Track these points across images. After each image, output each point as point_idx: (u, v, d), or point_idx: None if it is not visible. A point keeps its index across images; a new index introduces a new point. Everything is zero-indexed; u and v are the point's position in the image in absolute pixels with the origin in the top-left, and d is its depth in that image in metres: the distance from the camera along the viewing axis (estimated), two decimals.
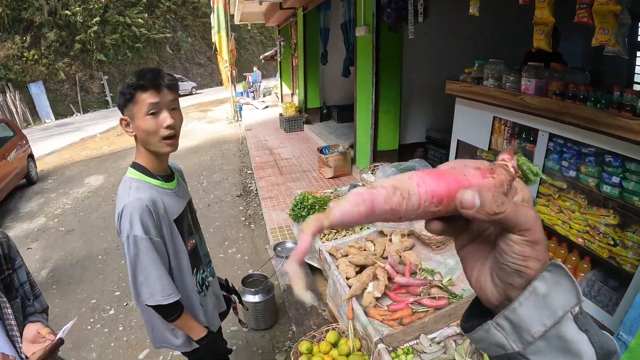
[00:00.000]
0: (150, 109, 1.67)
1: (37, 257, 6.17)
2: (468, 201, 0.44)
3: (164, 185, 1.89)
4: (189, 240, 2.01)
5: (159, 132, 1.72)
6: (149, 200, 1.75)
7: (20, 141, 9.86)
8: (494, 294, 0.49)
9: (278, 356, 3.62)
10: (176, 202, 1.92)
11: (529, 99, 3.21)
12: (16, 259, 1.58)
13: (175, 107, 1.77)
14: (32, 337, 1.45)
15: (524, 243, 0.44)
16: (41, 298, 1.73)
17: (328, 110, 12.58)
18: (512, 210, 0.43)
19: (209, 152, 11.74)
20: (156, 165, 1.88)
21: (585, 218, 3.02)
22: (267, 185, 7.49)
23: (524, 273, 0.44)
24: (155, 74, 1.70)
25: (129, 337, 4.08)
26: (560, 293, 0.43)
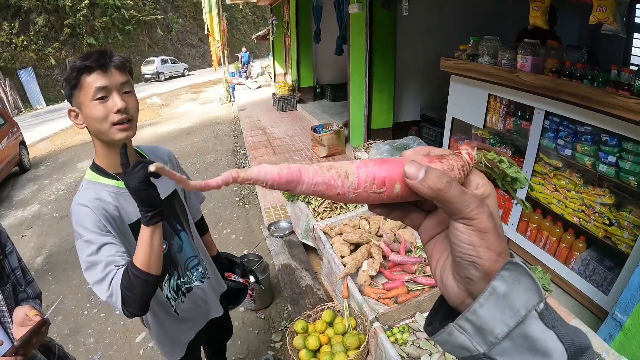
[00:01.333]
0: (97, 93, 1.47)
1: (31, 244, 6.14)
2: (412, 171, 0.44)
3: (121, 184, 1.61)
4: None
5: (109, 118, 1.50)
6: (93, 202, 1.56)
7: (11, 129, 9.72)
8: (455, 290, 0.48)
9: (274, 336, 3.63)
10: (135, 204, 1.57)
11: (524, 76, 3.17)
12: (7, 245, 1.55)
13: (127, 90, 1.56)
14: (20, 320, 1.41)
15: (471, 232, 0.43)
16: (34, 284, 1.70)
17: (322, 89, 12.48)
18: (457, 194, 0.43)
19: (202, 134, 11.64)
20: (114, 161, 1.64)
21: (581, 197, 3.02)
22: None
23: (477, 264, 0.43)
24: (102, 53, 1.51)
25: (125, 321, 4.09)
26: (521, 291, 0.41)
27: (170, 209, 1.87)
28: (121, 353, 3.72)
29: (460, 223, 0.43)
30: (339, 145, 7.29)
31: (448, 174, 0.45)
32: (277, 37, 16.60)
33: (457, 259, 0.45)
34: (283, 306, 3.94)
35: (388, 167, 0.46)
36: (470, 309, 0.42)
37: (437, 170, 0.44)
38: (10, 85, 21.95)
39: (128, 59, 1.60)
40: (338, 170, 0.45)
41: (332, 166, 0.45)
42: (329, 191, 0.45)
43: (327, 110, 10.72)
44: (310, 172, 0.44)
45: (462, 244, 0.43)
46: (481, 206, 0.43)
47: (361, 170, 0.45)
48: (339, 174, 0.44)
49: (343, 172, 0.45)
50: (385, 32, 6.22)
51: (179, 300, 1.93)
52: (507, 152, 3.76)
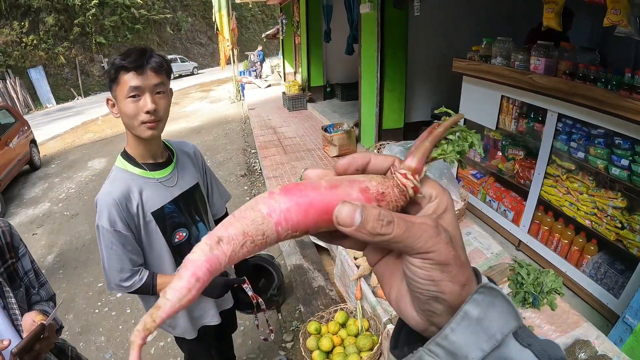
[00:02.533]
0: (131, 91, 1.58)
1: (42, 242, 6.19)
2: (346, 218, 0.37)
3: (148, 174, 1.82)
4: (177, 233, 1.94)
5: (139, 117, 1.63)
6: (120, 193, 1.72)
7: (22, 127, 9.81)
8: (416, 319, 0.43)
9: (285, 336, 3.65)
10: (160, 193, 1.84)
11: (538, 78, 3.17)
12: (19, 247, 1.57)
13: (160, 91, 1.67)
14: (29, 327, 1.44)
15: (430, 266, 0.38)
16: (47, 286, 1.73)
17: (332, 89, 12.45)
18: (403, 232, 0.37)
19: (212, 132, 11.66)
20: (143, 151, 1.81)
21: (593, 200, 3.01)
22: (271, 164, 7.45)
23: (440, 299, 0.39)
24: (140, 54, 1.59)
25: (136, 320, 4.10)
26: (496, 315, 0.38)
27: (191, 200, 2.00)
28: None
29: (416, 258, 0.38)
30: (349, 145, 7.29)
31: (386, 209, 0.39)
32: (286, 36, 16.61)
33: (417, 295, 0.40)
34: (295, 306, 3.94)
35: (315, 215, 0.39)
36: (442, 334, 0.38)
37: (376, 210, 0.37)
38: (21, 83, 22.11)
39: (166, 59, 1.70)
40: (254, 238, 0.38)
41: (246, 235, 0.37)
42: (247, 255, 0.38)
43: (337, 110, 10.70)
44: (222, 262, 0.37)
45: (421, 280, 0.39)
46: (437, 234, 0.38)
47: (281, 227, 0.38)
48: (255, 244, 0.38)
49: (260, 238, 0.38)
50: (396, 32, 6.22)
51: None
52: (520, 153, 3.75)
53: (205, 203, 2.12)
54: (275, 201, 0.39)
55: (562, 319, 1.98)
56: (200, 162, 2.15)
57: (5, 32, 23.11)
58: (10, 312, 1.43)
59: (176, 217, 1.91)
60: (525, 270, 2.16)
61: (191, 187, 2.00)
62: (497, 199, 4.14)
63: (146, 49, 1.62)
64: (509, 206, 3.96)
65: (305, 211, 0.39)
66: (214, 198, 2.27)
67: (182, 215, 1.94)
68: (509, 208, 3.96)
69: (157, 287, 1.85)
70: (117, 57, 1.59)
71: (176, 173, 1.93)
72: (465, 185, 4.62)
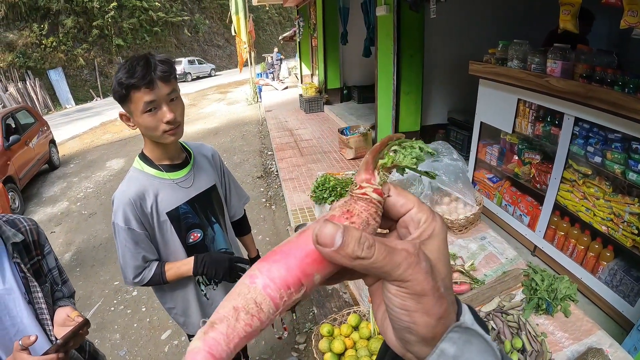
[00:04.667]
0: (146, 107, 1.60)
1: (60, 240, 6.30)
2: (326, 238, 0.36)
3: (163, 175, 1.86)
4: (192, 233, 1.97)
5: (159, 127, 1.66)
6: (134, 193, 1.76)
7: (41, 127, 10.00)
8: (395, 343, 0.42)
9: (298, 337, 3.67)
10: (175, 193, 1.88)
11: (554, 81, 3.14)
12: (45, 245, 1.63)
13: (174, 97, 1.68)
14: (62, 321, 1.49)
15: (405, 295, 0.37)
16: (69, 283, 1.79)
17: (348, 91, 12.47)
18: (383, 257, 0.36)
19: (228, 134, 11.74)
20: (159, 154, 1.85)
21: (610, 205, 2.97)
22: (287, 166, 7.49)
23: (412, 330, 0.38)
24: (146, 67, 1.57)
25: (151, 318, 4.18)
26: (474, 353, 0.37)
27: (208, 201, 2.03)
28: (146, 350, 3.79)
29: (392, 285, 0.37)
30: (366, 147, 7.27)
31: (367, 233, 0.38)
32: (303, 38, 16.65)
33: (391, 321, 0.40)
34: (309, 308, 3.97)
35: (299, 261, 0.38)
36: None
37: (357, 233, 0.37)
38: (40, 84, 22.54)
39: (169, 61, 1.68)
40: (247, 309, 0.37)
41: (237, 309, 0.37)
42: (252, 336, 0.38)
43: (354, 112, 10.72)
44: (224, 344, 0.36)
45: (395, 308, 0.38)
46: (416, 264, 0.37)
47: (270, 289, 0.38)
48: (251, 315, 0.37)
49: (253, 307, 0.37)
50: (413, 35, 6.21)
51: (210, 287, 2.12)
52: (536, 157, 3.72)
53: (222, 205, 2.15)
54: (256, 270, 0.39)
55: (576, 326, 1.96)
56: (219, 165, 2.18)
57: (25, 34, 23.58)
58: (36, 307, 1.47)
59: (191, 218, 1.94)
60: (539, 276, 2.13)
61: (208, 188, 2.02)
62: (512, 203, 4.11)
63: (149, 59, 1.60)
64: (524, 211, 3.93)
65: (285, 263, 0.38)
66: (232, 200, 2.30)
67: (197, 216, 1.97)
68: (524, 213, 3.93)
69: (166, 275, 1.90)
70: (123, 75, 1.57)
71: (192, 174, 1.96)
72: (481, 189, 4.59)
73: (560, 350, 1.85)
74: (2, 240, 1.43)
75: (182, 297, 2.11)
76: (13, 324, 1.39)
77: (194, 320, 2.18)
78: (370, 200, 0.42)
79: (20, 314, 1.42)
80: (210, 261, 1.90)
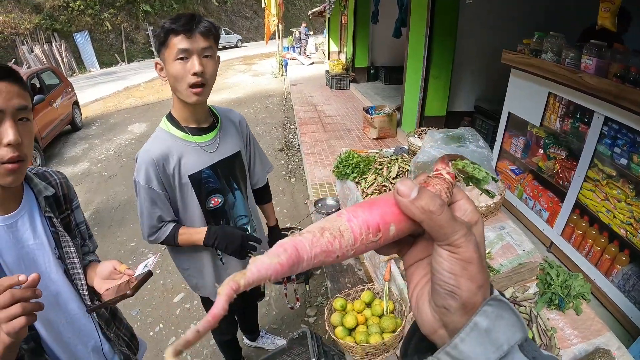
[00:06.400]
0: (179, 54, 1.63)
1: (79, 199, 6.32)
2: (405, 189, 0.42)
3: (189, 138, 1.88)
4: (212, 198, 1.99)
5: (186, 79, 1.68)
6: (158, 153, 1.80)
7: (65, 88, 10.14)
8: (429, 318, 0.46)
9: (309, 310, 3.75)
10: (199, 157, 1.90)
11: (588, 78, 3.10)
12: (74, 200, 1.63)
13: (208, 54, 1.71)
14: (107, 274, 1.47)
15: (454, 260, 0.41)
16: (93, 239, 1.81)
17: (376, 71, 12.36)
18: (447, 219, 0.41)
19: (252, 105, 11.79)
20: (187, 115, 1.87)
21: (631, 209, 2.95)
22: (310, 140, 7.52)
23: (455, 294, 0.41)
24: (190, 18, 1.64)
25: (165, 281, 4.29)
26: (504, 327, 0.40)
27: (231, 167, 2.06)
28: (158, 311, 3.90)
29: (445, 250, 0.42)
30: (390, 128, 7.26)
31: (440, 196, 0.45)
32: (333, 14, 16.45)
33: (436, 287, 0.43)
34: (321, 282, 4.04)
35: (379, 210, 0.44)
36: (452, 343, 0.41)
37: (430, 191, 0.43)
38: (66, 47, 22.72)
39: (215, 25, 1.75)
40: (331, 231, 0.42)
41: (324, 228, 0.42)
42: (329, 257, 0.42)
43: (380, 93, 10.64)
44: (307, 246, 0.41)
45: (444, 272, 0.42)
46: (469, 235, 0.42)
47: (353, 223, 0.43)
48: (334, 236, 0.42)
49: (337, 231, 0.42)
50: (446, 19, 6.12)
51: None
52: (562, 153, 3.69)
53: (244, 172, 2.17)
54: (344, 211, 0.45)
55: (586, 325, 1.97)
56: (245, 131, 2.20)
57: None
58: (67, 262, 1.46)
59: (212, 183, 1.97)
60: (555, 271, 2.15)
61: (232, 154, 2.05)
62: (533, 197, 4.09)
63: (195, 14, 1.68)
64: (544, 206, 3.91)
65: (369, 209, 0.44)
66: (255, 168, 2.32)
67: (219, 181, 2.00)
68: (544, 208, 3.92)
69: (179, 239, 1.95)
70: (167, 21, 1.65)
71: (218, 139, 1.98)
72: (503, 180, 4.58)
73: (569, 347, 1.87)
74: (33, 193, 1.41)
75: (197, 259, 2.15)
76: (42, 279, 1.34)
77: (207, 282, 2.23)
78: (444, 180, 0.48)
79: (49, 270, 1.41)
80: (222, 235, 1.93)
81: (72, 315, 1.49)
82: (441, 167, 0.51)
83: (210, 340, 3.38)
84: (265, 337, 3.37)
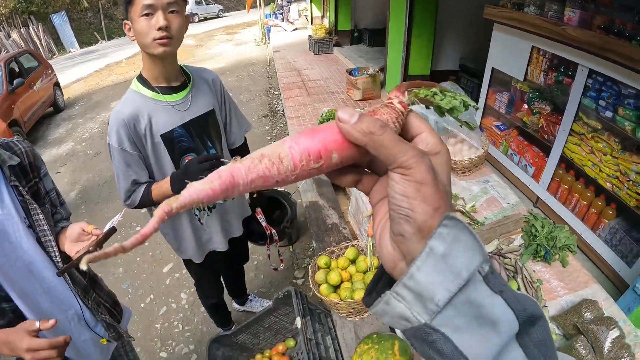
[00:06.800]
0: (144, 9, 1.61)
1: (66, 180, 6.42)
2: (345, 115, 0.42)
3: (159, 97, 1.86)
4: (186, 157, 1.98)
5: (151, 34, 1.65)
6: (128, 114, 1.78)
7: (45, 70, 9.96)
8: (390, 251, 0.44)
9: (297, 272, 3.79)
10: (170, 116, 1.88)
11: (571, 30, 3.03)
12: (41, 167, 1.61)
13: (174, 9, 1.68)
14: (76, 236, 1.50)
15: (407, 182, 0.40)
16: (66, 206, 1.78)
17: (359, 34, 12.13)
18: (392, 140, 0.40)
19: (235, 74, 11.67)
20: (157, 73, 1.84)
21: (617, 162, 2.93)
22: (293, 105, 7.45)
23: (409, 217, 0.39)
24: None
25: (154, 252, 4.31)
26: (461, 251, 0.38)
27: (204, 125, 2.04)
28: (148, 282, 3.93)
29: (396, 173, 0.40)
30: (374, 89, 7.17)
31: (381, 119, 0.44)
32: None
33: (392, 213, 0.41)
34: (308, 244, 4.08)
35: (321, 136, 0.44)
36: (407, 273, 0.38)
37: (370, 116, 0.42)
38: (44, 29, 22.16)
39: None
40: (270, 157, 0.43)
41: (264, 155, 0.43)
42: (267, 182, 0.43)
43: (363, 55, 10.48)
44: (243, 172, 0.42)
45: (396, 195, 0.40)
46: (420, 156, 0.40)
47: (294, 149, 0.43)
48: (272, 162, 0.43)
49: (276, 158, 0.43)
50: None
51: (205, 212, 2.19)
52: (546, 108, 3.66)
53: (219, 130, 2.15)
54: (287, 138, 0.45)
55: (572, 277, 1.96)
56: (219, 90, 2.16)
57: None
58: (37, 230, 1.46)
59: (185, 142, 1.96)
60: (540, 223, 2.13)
61: (205, 112, 2.02)
62: (519, 152, 4.07)
63: None
64: (530, 161, 3.90)
65: (311, 137, 0.44)
66: (232, 127, 2.30)
67: (192, 140, 1.99)
68: (530, 163, 3.90)
69: (152, 194, 1.92)
70: None
71: (190, 98, 1.96)
72: (488, 136, 4.55)
73: (555, 299, 1.87)
74: None
75: (176, 222, 2.16)
76: (13, 249, 1.38)
77: (187, 245, 2.25)
78: (394, 109, 0.47)
79: (19, 239, 1.41)
80: (183, 173, 1.86)
81: (47, 284, 1.50)
82: (394, 95, 0.49)
83: (200, 307, 3.40)
84: (254, 301, 3.41)
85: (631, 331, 1.69)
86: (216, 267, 2.64)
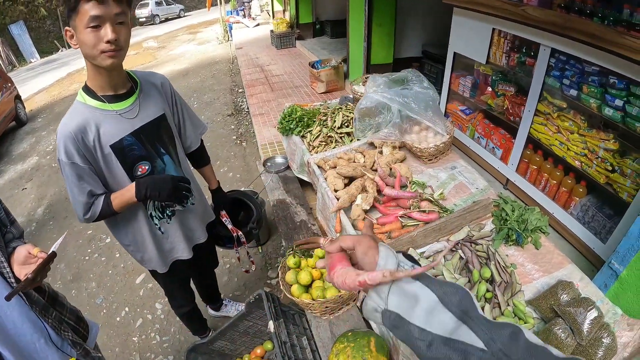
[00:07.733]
0: (91, 21, 1.51)
1: (32, 196, 6.20)
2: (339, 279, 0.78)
3: (106, 106, 1.78)
4: (139, 165, 1.91)
5: (99, 46, 1.57)
6: (75, 126, 1.70)
7: (4, 84, 9.56)
8: None
9: (270, 272, 3.72)
10: (118, 125, 1.80)
11: (531, 10, 3.01)
12: None
13: (122, 21, 1.60)
14: (23, 259, 1.46)
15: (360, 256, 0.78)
16: (17, 224, 1.70)
17: (321, 26, 12.06)
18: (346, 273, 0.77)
19: (199, 74, 11.51)
20: (102, 82, 1.76)
21: (584, 140, 2.93)
22: (258, 102, 7.34)
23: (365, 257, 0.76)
24: None
25: (125, 264, 4.20)
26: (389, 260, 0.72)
27: (155, 132, 1.96)
28: (122, 295, 3.82)
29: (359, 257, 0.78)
30: (337, 81, 7.11)
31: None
32: None
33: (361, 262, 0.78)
34: (279, 243, 4.01)
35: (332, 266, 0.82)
36: None
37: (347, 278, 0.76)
38: (2, 41, 21.48)
39: None
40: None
41: None
42: None
43: (326, 47, 10.43)
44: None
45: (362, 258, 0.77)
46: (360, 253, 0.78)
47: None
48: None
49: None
50: None
51: (164, 220, 2.10)
52: (510, 89, 3.64)
53: (172, 135, 2.07)
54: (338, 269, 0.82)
55: (546, 258, 1.94)
56: (169, 93, 2.08)
57: None
58: None
59: (137, 150, 1.87)
60: (509, 207, 2.09)
61: (155, 118, 1.94)
62: (485, 135, 4.06)
63: None
64: (497, 143, 3.89)
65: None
66: (186, 130, 2.23)
67: (144, 148, 1.90)
68: (497, 145, 3.89)
69: (113, 204, 1.85)
70: None
71: (138, 104, 1.87)
72: (454, 121, 4.54)
73: (530, 282, 1.85)
74: None
75: (136, 233, 2.08)
76: None
77: (150, 255, 2.16)
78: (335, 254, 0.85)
79: None
80: (152, 183, 1.84)
81: (7, 306, 1.45)
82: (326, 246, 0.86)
83: (176, 317, 3.31)
84: (229, 305, 3.35)
85: (609, 309, 1.67)
86: (183, 276, 2.55)
